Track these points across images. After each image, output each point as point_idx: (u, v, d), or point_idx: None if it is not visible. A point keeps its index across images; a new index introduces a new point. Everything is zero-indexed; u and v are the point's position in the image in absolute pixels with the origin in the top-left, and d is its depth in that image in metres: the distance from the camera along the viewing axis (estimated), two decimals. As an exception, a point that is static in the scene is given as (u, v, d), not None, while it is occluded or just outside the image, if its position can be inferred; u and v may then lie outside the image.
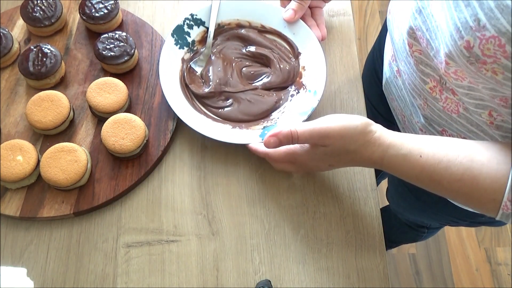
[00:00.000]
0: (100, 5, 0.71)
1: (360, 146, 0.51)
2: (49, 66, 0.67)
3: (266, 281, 0.56)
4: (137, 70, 0.71)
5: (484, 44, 0.42)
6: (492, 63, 0.42)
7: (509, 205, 0.46)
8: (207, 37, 0.71)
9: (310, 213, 0.62)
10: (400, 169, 0.51)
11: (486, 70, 0.44)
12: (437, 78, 0.55)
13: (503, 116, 0.51)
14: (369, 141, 0.51)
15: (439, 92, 0.56)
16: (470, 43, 0.43)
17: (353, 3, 1.42)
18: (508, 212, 0.47)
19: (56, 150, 0.60)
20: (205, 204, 0.62)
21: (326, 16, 0.77)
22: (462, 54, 0.44)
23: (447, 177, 0.49)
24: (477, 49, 0.42)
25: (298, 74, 0.70)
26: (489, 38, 0.41)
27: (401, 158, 0.50)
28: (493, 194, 0.47)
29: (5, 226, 0.60)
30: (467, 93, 0.51)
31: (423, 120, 0.63)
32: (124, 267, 0.58)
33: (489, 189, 0.47)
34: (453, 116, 0.57)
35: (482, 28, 0.41)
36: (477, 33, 0.42)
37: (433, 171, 0.49)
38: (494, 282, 1.43)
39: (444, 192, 0.51)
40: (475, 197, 0.48)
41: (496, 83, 0.44)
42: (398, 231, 1.08)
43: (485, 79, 0.45)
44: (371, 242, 0.60)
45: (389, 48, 0.70)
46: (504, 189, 0.46)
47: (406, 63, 0.60)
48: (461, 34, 0.44)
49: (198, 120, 0.65)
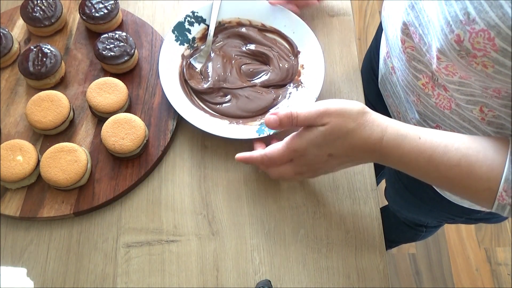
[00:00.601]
0: (100, 5, 0.71)
1: (359, 124, 0.51)
2: (49, 66, 0.67)
3: (266, 281, 0.56)
4: (137, 70, 0.71)
5: (474, 38, 0.42)
6: (482, 57, 0.42)
7: (505, 195, 0.46)
8: (208, 35, 0.71)
9: (310, 213, 0.62)
10: (399, 152, 0.51)
11: (477, 64, 0.44)
12: (429, 75, 0.56)
13: (494, 112, 0.51)
14: (367, 121, 0.51)
15: (431, 88, 0.57)
16: (460, 36, 0.43)
17: (353, 3, 1.42)
18: (504, 203, 0.47)
19: (56, 150, 0.60)
20: (205, 204, 0.62)
21: (326, 16, 0.77)
22: (453, 48, 0.45)
23: (445, 162, 0.49)
24: (467, 43, 0.43)
25: (297, 72, 0.70)
26: (479, 31, 0.41)
27: (400, 139, 0.50)
28: (489, 183, 0.47)
29: (5, 226, 0.60)
30: (458, 88, 0.51)
31: (418, 116, 0.63)
32: (124, 267, 0.58)
33: (485, 177, 0.47)
34: (445, 112, 0.57)
35: (471, 22, 0.41)
36: (467, 27, 0.42)
37: (431, 154, 0.49)
38: (494, 282, 1.43)
39: (441, 180, 0.51)
40: (471, 185, 0.48)
41: (487, 76, 0.45)
42: (397, 231, 1.08)
43: (476, 73, 0.45)
44: (371, 242, 0.60)
45: (384, 45, 0.71)
46: (500, 179, 0.46)
47: (399, 59, 0.60)
48: (452, 28, 0.44)
49: (196, 115, 0.65)
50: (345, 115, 0.51)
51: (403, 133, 0.51)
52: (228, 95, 0.69)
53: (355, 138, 0.51)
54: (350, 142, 0.52)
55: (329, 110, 0.51)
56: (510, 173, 0.46)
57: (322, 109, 0.51)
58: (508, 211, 0.48)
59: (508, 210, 0.48)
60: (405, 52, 0.57)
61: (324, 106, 0.52)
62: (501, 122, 0.52)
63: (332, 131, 0.51)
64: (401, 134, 0.50)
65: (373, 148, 0.51)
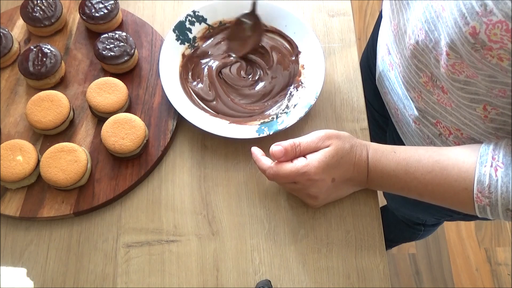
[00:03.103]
0: (100, 5, 0.71)
1: (351, 145, 0.57)
2: (49, 66, 0.67)
3: (266, 281, 0.56)
4: (137, 70, 0.71)
5: (490, 30, 0.41)
6: (499, 49, 0.42)
7: (480, 196, 0.49)
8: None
9: (310, 213, 0.62)
10: (381, 166, 0.56)
11: (492, 57, 0.43)
12: (429, 75, 0.56)
13: (498, 110, 0.51)
14: (356, 142, 0.58)
15: (431, 87, 0.57)
16: (476, 29, 0.42)
17: (353, 3, 1.42)
18: (483, 204, 0.49)
19: (56, 150, 0.60)
20: (205, 204, 0.62)
21: (326, 16, 0.77)
22: (467, 41, 0.44)
23: (420, 169, 0.53)
24: (483, 35, 0.42)
25: (298, 72, 0.70)
26: (496, 23, 0.40)
27: (379, 155, 0.56)
28: (464, 183, 0.50)
29: (5, 226, 0.60)
30: (462, 87, 0.51)
31: (417, 112, 0.63)
32: (124, 267, 0.58)
33: (459, 178, 0.50)
34: (447, 109, 0.57)
35: (489, 13, 0.41)
36: (484, 18, 0.41)
37: (407, 164, 0.54)
38: (494, 282, 1.43)
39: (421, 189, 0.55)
40: (448, 189, 0.52)
41: (501, 70, 0.44)
42: (395, 230, 1.08)
43: (489, 67, 0.45)
44: (371, 242, 0.60)
45: (383, 42, 0.70)
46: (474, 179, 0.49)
47: (402, 55, 0.60)
48: (467, 20, 0.43)
49: (196, 115, 0.65)
50: (341, 137, 0.57)
51: (382, 149, 0.57)
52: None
53: (351, 157, 0.56)
54: (350, 161, 0.56)
55: (329, 133, 0.57)
56: (481, 174, 0.49)
57: (322, 134, 0.57)
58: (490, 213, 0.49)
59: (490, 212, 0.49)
60: (409, 48, 0.57)
61: (323, 132, 0.57)
62: (504, 119, 0.52)
63: (337, 152, 0.56)
64: (380, 151, 0.57)
65: (364, 165, 0.57)
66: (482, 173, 0.49)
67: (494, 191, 0.48)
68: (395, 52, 0.63)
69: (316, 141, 0.56)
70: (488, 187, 0.48)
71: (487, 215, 0.50)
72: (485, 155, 0.50)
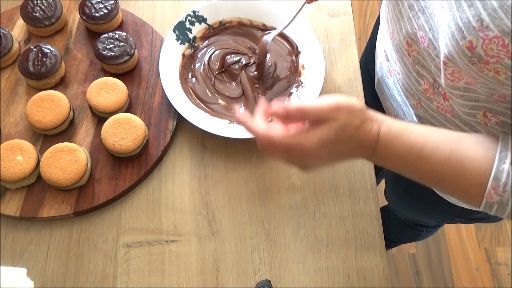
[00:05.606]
0: (100, 5, 0.71)
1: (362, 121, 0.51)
2: (49, 66, 0.67)
3: (266, 281, 0.56)
4: (137, 70, 0.71)
5: (487, 44, 0.42)
6: (495, 63, 0.42)
7: (493, 193, 0.46)
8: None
9: (310, 213, 0.62)
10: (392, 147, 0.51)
11: (489, 70, 0.44)
12: (431, 81, 0.55)
13: (498, 118, 0.51)
14: (368, 117, 0.51)
15: (432, 94, 0.57)
16: (473, 43, 0.43)
17: (353, 3, 1.42)
18: (491, 201, 0.47)
19: (56, 150, 0.60)
20: (205, 204, 0.62)
21: (326, 16, 0.77)
22: (464, 55, 0.45)
23: (435, 156, 0.49)
24: (480, 49, 0.43)
25: (298, 72, 0.70)
26: (492, 38, 0.41)
27: (393, 134, 0.51)
28: (479, 178, 0.47)
29: (5, 226, 0.60)
30: (462, 94, 0.51)
31: (416, 119, 0.63)
32: (124, 267, 0.58)
33: (474, 172, 0.47)
34: (447, 116, 0.57)
35: (485, 29, 0.41)
36: (480, 33, 0.42)
37: (422, 148, 0.49)
38: (494, 282, 1.43)
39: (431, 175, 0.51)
40: (461, 181, 0.48)
41: (498, 83, 0.45)
42: (397, 230, 1.08)
43: (486, 79, 0.45)
44: (371, 242, 0.60)
45: (381, 48, 0.70)
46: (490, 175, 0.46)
47: (402, 63, 0.60)
48: (464, 34, 0.44)
49: (196, 115, 0.65)
50: (352, 111, 0.51)
51: (396, 128, 0.51)
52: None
53: (359, 134, 0.51)
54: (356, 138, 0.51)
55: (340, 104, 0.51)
56: (499, 171, 0.46)
57: (333, 103, 0.51)
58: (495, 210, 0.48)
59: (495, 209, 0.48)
60: (410, 55, 0.57)
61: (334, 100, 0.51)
62: (503, 126, 0.52)
63: (343, 129, 0.51)
64: (395, 129, 0.51)
65: (372, 144, 0.52)
66: (500, 170, 0.46)
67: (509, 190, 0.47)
68: (394, 59, 0.63)
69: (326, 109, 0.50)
70: (504, 185, 0.46)
71: (490, 212, 0.48)
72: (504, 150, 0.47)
